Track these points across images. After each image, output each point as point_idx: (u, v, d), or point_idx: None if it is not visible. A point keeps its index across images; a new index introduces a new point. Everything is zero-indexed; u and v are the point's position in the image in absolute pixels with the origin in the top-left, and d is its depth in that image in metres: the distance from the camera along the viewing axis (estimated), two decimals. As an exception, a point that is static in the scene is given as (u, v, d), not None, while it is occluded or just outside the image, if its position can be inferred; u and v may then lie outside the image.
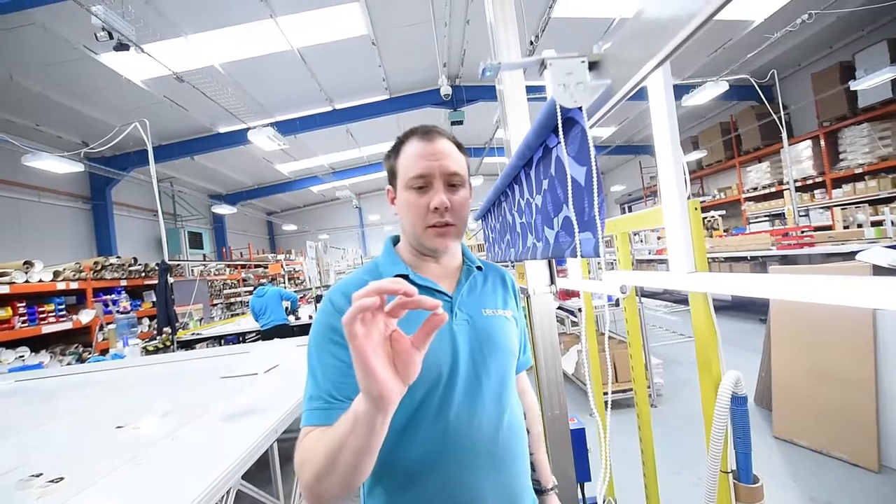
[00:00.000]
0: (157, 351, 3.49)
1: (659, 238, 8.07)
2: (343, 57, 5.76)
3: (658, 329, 4.75)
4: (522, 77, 1.40)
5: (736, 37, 5.38)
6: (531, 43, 4.07)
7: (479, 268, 0.79)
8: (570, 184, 0.55)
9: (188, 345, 4.21)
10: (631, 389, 2.69)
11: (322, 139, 8.39)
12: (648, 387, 3.00)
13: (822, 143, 6.20)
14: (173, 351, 3.53)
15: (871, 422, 1.99)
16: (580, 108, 0.51)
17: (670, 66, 0.70)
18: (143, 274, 5.31)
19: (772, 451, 2.25)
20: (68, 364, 3.89)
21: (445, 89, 4.22)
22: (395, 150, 0.72)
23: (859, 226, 4.53)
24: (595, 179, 0.54)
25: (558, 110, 0.52)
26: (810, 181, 6.36)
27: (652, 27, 0.41)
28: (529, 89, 1.48)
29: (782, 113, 5.31)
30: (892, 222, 3.19)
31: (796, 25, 3.76)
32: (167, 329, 3.67)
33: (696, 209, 0.92)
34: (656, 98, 0.94)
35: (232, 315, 7.50)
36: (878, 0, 4.02)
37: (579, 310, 2.67)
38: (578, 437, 1.49)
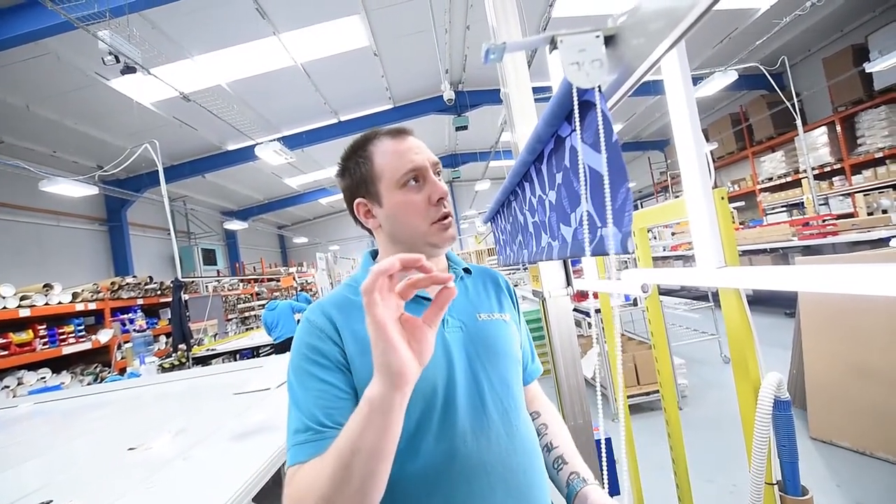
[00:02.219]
0: (172, 368, 3.50)
1: (673, 234, 7.89)
2: (346, 69, 5.81)
3: (677, 327, 4.61)
4: (528, 76, 1.36)
5: (742, 25, 5.26)
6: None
7: (466, 270, 0.75)
8: (584, 174, 0.50)
9: (204, 361, 4.23)
10: (655, 392, 2.59)
11: (329, 151, 8.47)
12: (672, 388, 2.88)
13: (839, 128, 6.01)
14: (189, 367, 3.54)
15: (915, 418, 1.87)
16: (597, 89, 0.46)
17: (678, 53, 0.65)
18: (158, 292, 5.38)
19: (810, 454, 2.12)
20: (88, 384, 3.93)
21: (448, 94, 4.20)
22: (362, 158, 0.66)
23: (884, 211, 4.35)
24: (619, 166, 0.49)
25: (574, 93, 0.47)
26: (828, 168, 6.16)
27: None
28: (535, 90, 1.44)
29: (795, 100, 5.15)
30: (922, 206, 3.05)
31: (806, 9, 3.65)
32: (182, 346, 3.68)
33: (722, 198, 0.86)
34: (673, 81, 0.89)
35: (246, 329, 7.55)
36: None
37: (596, 311, 2.59)
38: (607, 447, 1.42)
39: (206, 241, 10.36)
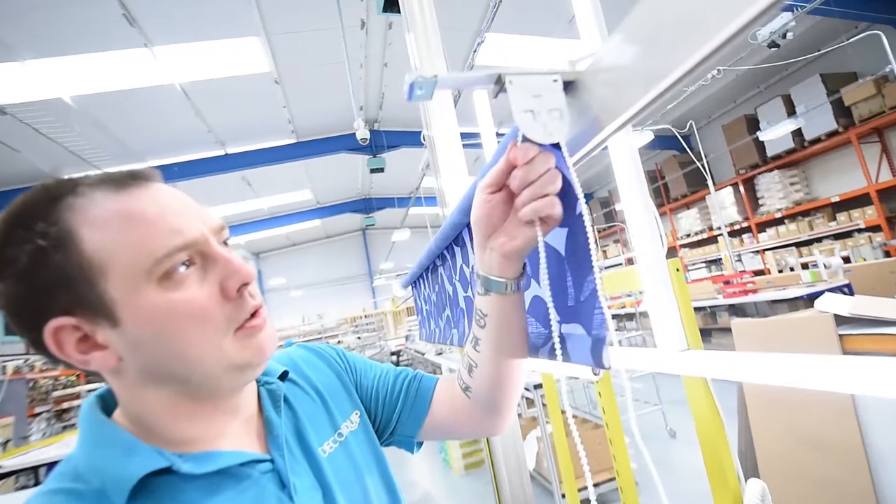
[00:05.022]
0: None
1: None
2: (238, 95, 5.60)
3: (616, 397, 4.81)
4: (454, 119, 1.37)
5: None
6: (458, 92, 4.33)
7: (283, 377, 0.57)
8: (543, 257, 0.43)
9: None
10: (608, 481, 2.57)
11: (210, 189, 7.91)
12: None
13: (742, 189, 7.27)
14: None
15: (867, 489, 2.06)
16: (556, 145, 0.40)
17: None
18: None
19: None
20: None
21: (362, 133, 4.22)
22: (46, 233, 0.40)
23: (791, 269, 5.20)
24: (584, 248, 0.43)
25: (520, 139, 0.40)
26: (737, 226, 7.33)
27: (654, 33, 0.33)
28: (463, 136, 1.45)
29: (705, 161, 6.15)
30: (825, 265, 3.68)
31: (708, 80, 4.46)
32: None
33: (677, 270, 0.87)
34: (619, 147, 0.92)
35: (64, 427, 6.21)
36: (773, 59, 4.99)
37: (536, 386, 2.56)
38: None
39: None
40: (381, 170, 6.72)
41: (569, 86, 0.41)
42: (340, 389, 0.62)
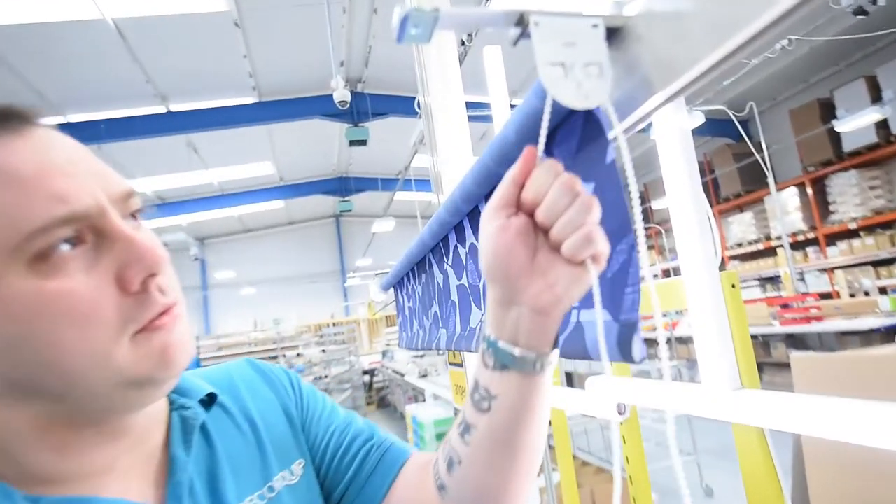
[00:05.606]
0: None
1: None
2: (188, 38, 5.54)
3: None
4: (460, 82, 1.35)
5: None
6: (462, 43, 4.28)
7: (206, 400, 0.54)
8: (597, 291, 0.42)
9: None
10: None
11: (145, 154, 7.84)
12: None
13: (810, 191, 7.30)
14: None
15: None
16: (610, 112, 0.38)
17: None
18: None
19: None
20: None
21: (341, 94, 4.18)
22: None
23: (866, 293, 5.24)
24: (622, 198, 0.41)
25: (547, 108, 0.38)
26: (801, 237, 7.36)
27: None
28: (467, 106, 1.42)
29: (765, 153, 6.15)
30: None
31: (776, 52, 4.46)
32: None
33: (733, 286, 0.86)
34: (667, 126, 0.90)
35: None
36: (857, 30, 5.00)
37: (542, 424, 2.54)
38: None
39: None
40: (364, 142, 6.69)
41: (613, 35, 0.39)
42: (285, 428, 0.59)
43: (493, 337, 0.44)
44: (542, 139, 0.40)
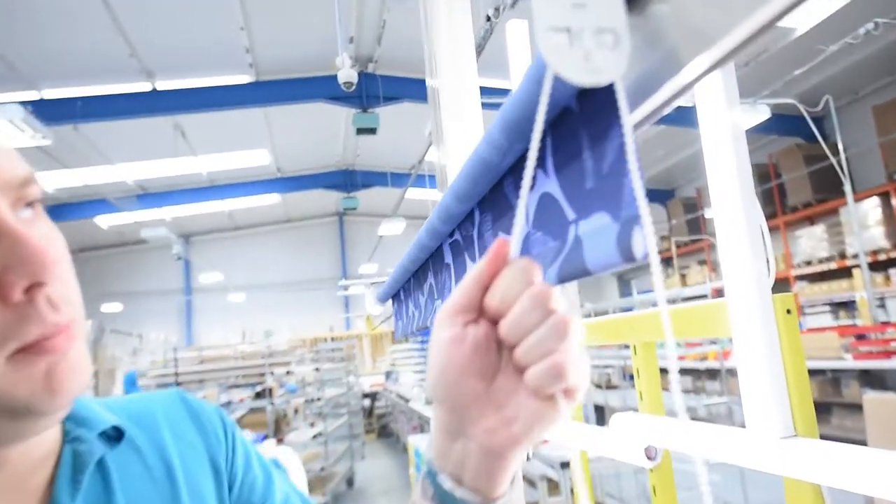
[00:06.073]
0: None
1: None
2: (178, 6, 5.64)
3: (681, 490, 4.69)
4: (474, 61, 1.33)
5: (772, 47, 6.17)
6: (488, 18, 4.27)
7: (113, 434, 0.52)
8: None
9: None
10: None
11: (126, 137, 7.99)
12: None
13: (895, 202, 7.14)
14: None
15: None
16: (619, 89, 0.36)
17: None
18: None
19: None
20: None
21: (347, 74, 4.19)
22: None
23: (957, 327, 5.09)
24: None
25: (546, 85, 0.36)
26: (883, 256, 7.19)
27: None
28: (486, 92, 1.40)
29: (843, 156, 6.03)
30: None
31: (858, 37, 4.36)
32: None
33: (788, 312, 0.82)
34: (713, 120, 0.88)
35: None
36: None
37: (563, 465, 2.52)
38: None
39: None
40: (373, 131, 6.73)
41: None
42: (208, 482, 0.57)
43: (434, 466, 0.42)
44: (535, 143, 0.37)
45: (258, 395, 9.79)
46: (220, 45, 6.50)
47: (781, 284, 9.15)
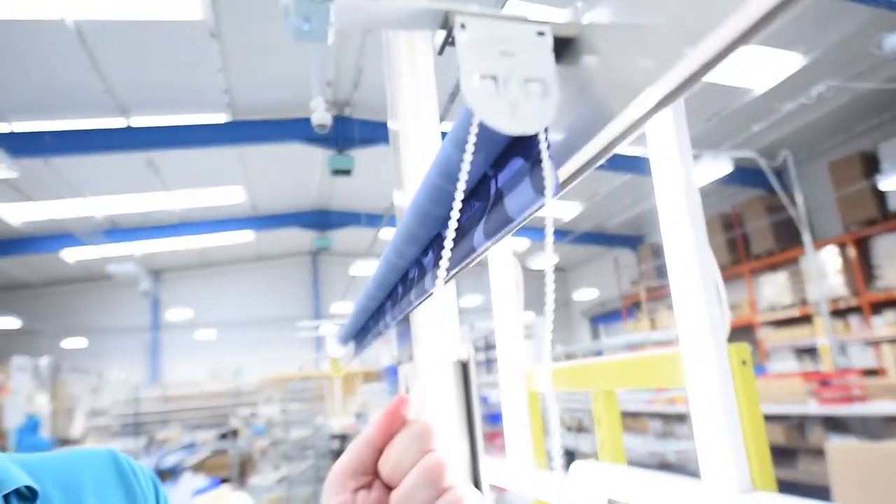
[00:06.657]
0: None
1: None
2: (157, 46, 5.65)
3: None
4: (435, 105, 1.33)
5: (732, 105, 6.41)
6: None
7: (27, 494, 0.50)
8: None
9: None
10: None
11: (98, 171, 7.86)
12: None
13: (852, 252, 7.34)
14: None
15: None
16: (543, 136, 0.35)
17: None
18: None
19: None
20: None
21: (321, 117, 4.21)
22: None
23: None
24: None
25: (472, 133, 0.35)
26: (843, 304, 7.35)
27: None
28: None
29: (801, 207, 6.22)
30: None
31: (812, 98, 4.56)
32: None
33: (743, 363, 0.81)
34: (664, 158, 0.88)
35: None
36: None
37: (529, 514, 2.43)
38: None
39: None
40: (348, 172, 6.75)
41: (563, 48, 0.35)
42: None
43: None
44: (460, 192, 0.35)
45: (223, 437, 9.47)
46: (197, 86, 6.51)
47: (747, 330, 9.26)
